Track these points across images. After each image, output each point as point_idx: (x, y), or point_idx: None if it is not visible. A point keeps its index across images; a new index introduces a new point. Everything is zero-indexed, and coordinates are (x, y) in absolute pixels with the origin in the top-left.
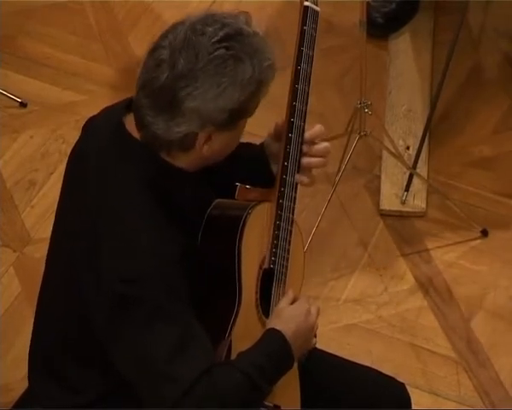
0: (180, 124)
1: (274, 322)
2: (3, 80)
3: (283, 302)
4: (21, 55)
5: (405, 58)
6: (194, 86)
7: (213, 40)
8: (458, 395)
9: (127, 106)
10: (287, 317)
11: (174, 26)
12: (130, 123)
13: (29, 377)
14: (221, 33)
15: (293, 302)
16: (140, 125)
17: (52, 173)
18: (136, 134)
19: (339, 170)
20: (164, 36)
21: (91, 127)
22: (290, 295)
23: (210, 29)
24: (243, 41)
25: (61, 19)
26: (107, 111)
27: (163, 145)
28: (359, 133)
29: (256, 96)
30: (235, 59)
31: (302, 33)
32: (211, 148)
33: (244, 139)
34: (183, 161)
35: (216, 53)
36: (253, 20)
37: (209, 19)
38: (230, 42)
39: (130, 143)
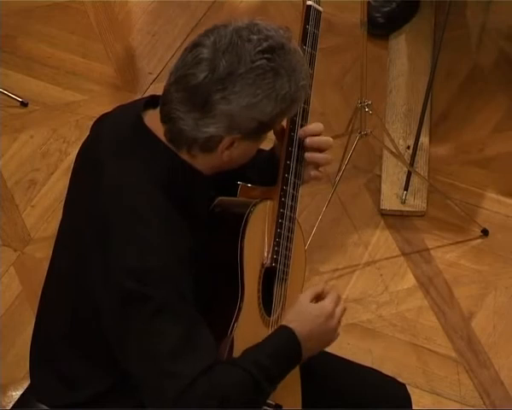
0: (209, 124)
1: (291, 316)
2: (4, 80)
3: (307, 295)
4: (22, 54)
5: (406, 58)
6: (230, 91)
7: (258, 49)
8: (459, 394)
9: (146, 103)
10: (305, 315)
11: (216, 27)
12: (150, 119)
13: (30, 372)
14: (265, 44)
15: (318, 297)
16: (166, 118)
17: (53, 173)
18: (155, 130)
19: (339, 170)
20: (205, 35)
21: (105, 123)
22: (319, 288)
23: (255, 38)
24: (284, 56)
25: (62, 18)
26: (121, 108)
27: (186, 142)
28: (360, 133)
29: (286, 113)
30: (274, 72)
31: (305, 32)
32: (231, 154)
33: None
34: (201, 162)
35: (258, 62)
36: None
37: (254, 27)
38: (273, 54)
39: (150, 139)
